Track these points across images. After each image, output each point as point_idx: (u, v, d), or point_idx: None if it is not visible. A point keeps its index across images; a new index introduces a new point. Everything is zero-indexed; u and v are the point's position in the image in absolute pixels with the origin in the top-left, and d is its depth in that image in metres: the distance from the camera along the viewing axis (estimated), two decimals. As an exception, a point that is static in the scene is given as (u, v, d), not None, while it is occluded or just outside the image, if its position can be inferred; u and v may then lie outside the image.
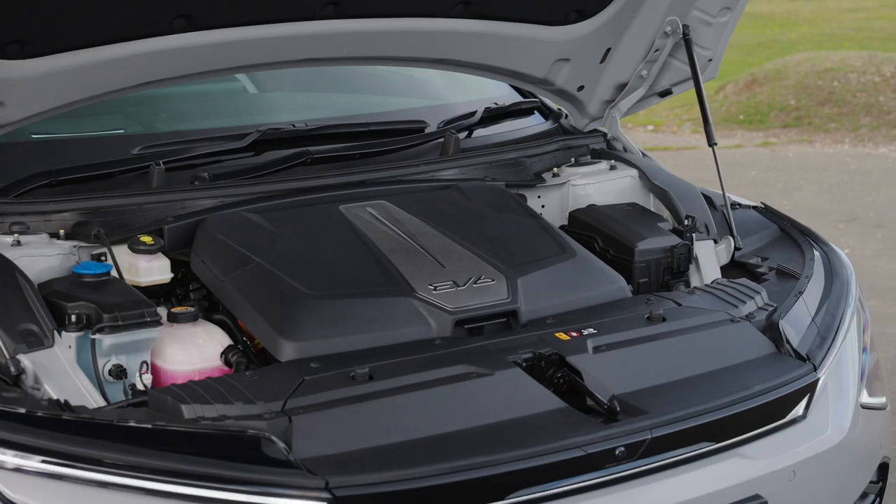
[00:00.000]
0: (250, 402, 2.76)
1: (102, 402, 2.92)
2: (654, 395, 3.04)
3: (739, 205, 4.20)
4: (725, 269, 3.85)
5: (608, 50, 4.15)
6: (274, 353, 3.07)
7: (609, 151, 4.24)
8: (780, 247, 3.96)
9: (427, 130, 4.09)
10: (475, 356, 3.03)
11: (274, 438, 2.67)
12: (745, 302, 3.42)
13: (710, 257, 3.82)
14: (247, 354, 3.16)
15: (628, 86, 4.24)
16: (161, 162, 3.55)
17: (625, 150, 4.31)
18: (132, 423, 2.69)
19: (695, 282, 3.78)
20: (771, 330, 3.33)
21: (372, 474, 2.67)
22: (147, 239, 3.30)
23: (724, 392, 3.09)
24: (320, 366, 2.95)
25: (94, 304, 3.04)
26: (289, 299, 3.15)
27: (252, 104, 4.53)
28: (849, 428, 3.33)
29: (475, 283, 3.28)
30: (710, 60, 4.21)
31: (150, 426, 2.69)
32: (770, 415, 3.15)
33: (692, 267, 3.80)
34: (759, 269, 3.79)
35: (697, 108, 4.08)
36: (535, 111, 4.50)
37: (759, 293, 3.48)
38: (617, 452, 2.86)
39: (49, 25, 3.19)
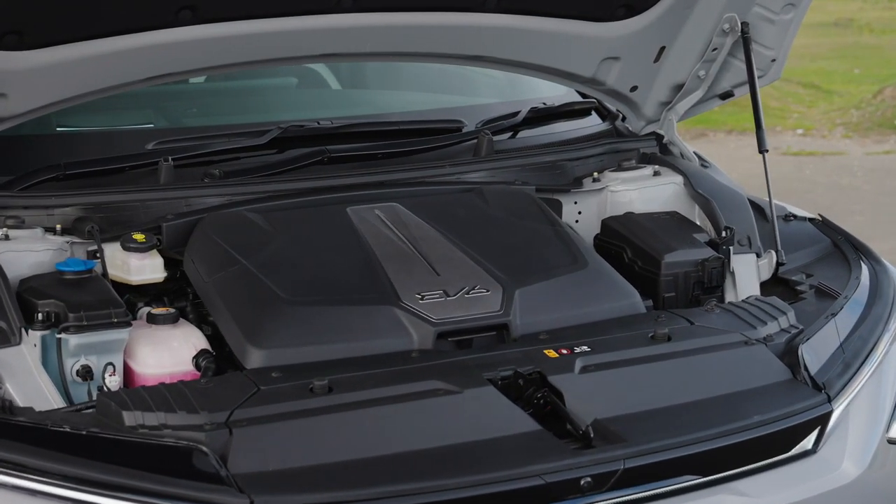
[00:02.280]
0: (194, 412, 2.65)
1: (63, 403, 2.86)
2: (640, 421, 2.83)
3: (794, 216, 3.93)
4: (767, 285, 3.60)
5: (662, 48, 3.93)
6: (241, 359, 2.96)
7: (660, 156, 4.01)
8: (829, 263, 3.69)
9: (465, 130, 3.93)
10: (449, 371, 2.87)
11: (207, 451, 2.56)
12: (766, 323, 3.18)
13: (748, 272, 3.57)
14: (230, 360, 3.05)
15: (685, 87, 4.01)
16: (170, 158, 3.47)
17: (682, 155, 4.08)
18: (66, 429, 2.61)
19: (730, 298, 3.54)
20: (789, 355, 3.08)
21: (304, 495, 2.53)
22: (139, 237, 3.22)
23: (719, 421, 2.87)
24: (281, 375, 2.83)
25: (63, 302, 2.97)
26: (264, 304, 3.03)
27: (306, 99, 4.44)
28: (869, 465, 3.06)
29: (468, 293, 3.12)
30: (774, 61, 3.95)
31: (83, 432, 2.60)
32: (770, 448, 2.91)
33: (728, 282, 3.56)
34: (799, 287, 3.52)
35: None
36: (594, 112, 4.30)
37: (785, 313, 3.23)
38: (582, 483, 2.66)
39: (47, 16, 3.12)
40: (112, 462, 2.53)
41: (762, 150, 3.77)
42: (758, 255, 3.60)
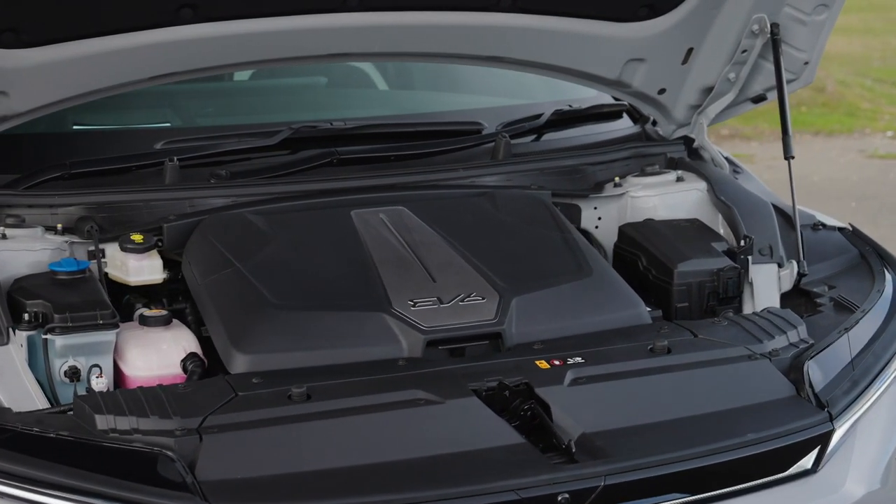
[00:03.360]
0: (166, 417, 2.62)
1: (47, 404, 2.85)
2: (629, 436, 2.74)
3: (824, 225, 3.80)
4: (790, 297, 3.48)
5: (690, 50, 3.82)
6: (226, 364, 2.92)
7: (687, 161, 3.90)
8: (854, 275, 3.55)
9: (485, 132, 3.86)
10: (434, 381, 2.80)
11: (174, 457, 2.52)
12: (773, 336, 3.06)
13: (768, 283, 3.45)
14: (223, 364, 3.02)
15: (715, 90, 3.89)
16: (175, 158, 3.45)
17: (712, 160, 3.97)
18: (35, 431, 2.59)
19: (748, 309, 3.43)
20: (795, 370, 2.97)
21: None
22: (137, 237, 3.20)
23: (711, 437, 2.77)
24: (262, 381, 2.78)
25: (50, 303, 2.96)
26: (252, 309, 2.99)
27: (334, 99, 4.40)
28: (878, 486, 2.94)
29: (462, 300, 3.05)
30: (807, 64, 3.82)
31: (52, 435, 2.58)
32: (765, 466, 2.80)
33: (747, 292, 3.45)
34: (819, 300, 3.40)
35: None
36: (626, 115, 4.20)
37: (795, 327, 3.11)
38: (559, 499, 2.57)
39: (44, 13, 3.12)
40: (77, 466, 2.50)
41: (787, 156, 3.65)
42: (779, 266, 3.48)
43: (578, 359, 2.92)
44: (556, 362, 2.90)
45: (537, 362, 2.90)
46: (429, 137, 3.77)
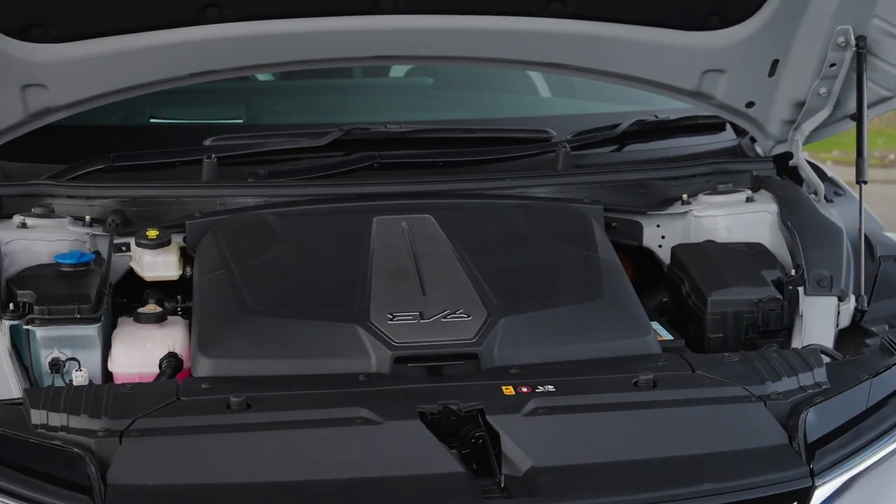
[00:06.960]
0: (96, 416, 2.59)
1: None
2: (578, 474, 2.54)
3: (908, 257, 3.46)
4: (849, 334, 3.19)
5: (776, 62, 3.56)
6: (192, 366, 2.88)
7: (771, 180, 3.63)
8: None
9: (553, 141, 3.71)
10: (385, 400, 2.67)
11: (87, 458, 2.49)
12: (781, 378, 2.78)
13: (823, 317, 3.16)
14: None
15: (807, 105, 3.61)
16: (213, 155, 3.45)
17: (805, 181, 3.68)
18: None
19: (796, 344, 3.15)
20: (794, 417, 2.70)
21: None
22: (152, 233, 3.21)
23: (667, 484, 2.54)
24: (210, 387, 2.73)
25: (35, 294, 2.99)
26: (227, 313, 2.94)
27: (433, 100, 4.32)
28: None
29: (445, 317, 2.91)
30: None
31: None
32: None
33: (796, 326, 3.17)
34: (869, 340, 3.09)
35: None
36: (729, 128, 3.96)
37: (812, 369, 2.82)
38: None
39: (70, 9, 3.19)
40: None
41: (860, 180, 3.34)
42: (840, 299, 3.18)
43: (549, 387, 2.73)
44: (524, 389, 2.72)
45: (504, 388, 2.73)
46: (485, 144, 3.64)
